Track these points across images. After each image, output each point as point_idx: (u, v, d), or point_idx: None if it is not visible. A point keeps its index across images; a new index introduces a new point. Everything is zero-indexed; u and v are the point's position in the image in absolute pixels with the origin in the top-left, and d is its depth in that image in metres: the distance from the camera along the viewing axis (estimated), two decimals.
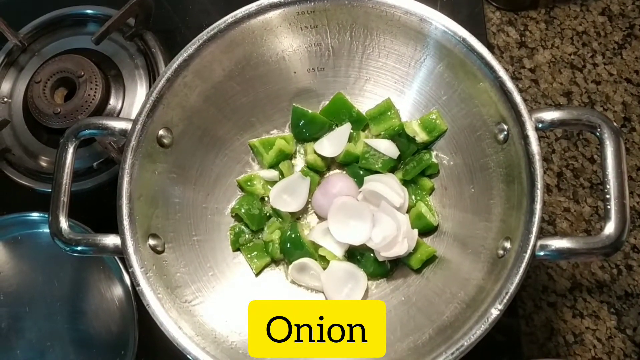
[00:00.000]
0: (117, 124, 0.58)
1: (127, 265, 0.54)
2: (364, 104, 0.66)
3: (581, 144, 0.72)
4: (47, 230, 0.56)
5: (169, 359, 0.56)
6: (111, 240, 0.55)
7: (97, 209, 0.67)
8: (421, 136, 0.62)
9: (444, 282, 0.57)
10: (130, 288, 0.67)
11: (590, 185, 0.70)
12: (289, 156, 0.67)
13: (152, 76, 0.76)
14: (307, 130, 0.66)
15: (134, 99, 0.75)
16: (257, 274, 0.63)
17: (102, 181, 0.72)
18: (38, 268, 0.72)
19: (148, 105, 0.57)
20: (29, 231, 0.73)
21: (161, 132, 0.59)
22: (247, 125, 0.66)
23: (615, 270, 0.67)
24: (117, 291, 0.69)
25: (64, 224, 0.55)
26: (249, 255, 0.63)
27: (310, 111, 0.66)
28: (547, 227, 0.69)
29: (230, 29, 0.60)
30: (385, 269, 0.61)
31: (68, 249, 0.55)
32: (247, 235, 0.64)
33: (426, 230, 0.62)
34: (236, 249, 0.64)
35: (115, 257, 0.67)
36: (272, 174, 0.65)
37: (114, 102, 0.75)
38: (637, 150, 0.71)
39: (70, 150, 0.57)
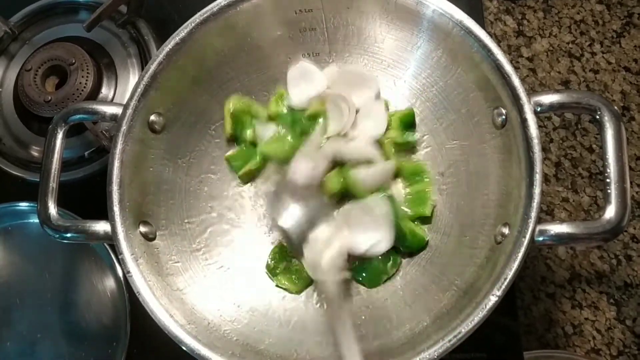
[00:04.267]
0: (108, 109, 0.57)
1: (117, 252, 0.53)
2: None
3: (580, 134, 0.71)
4: (37, 220, 0.55)
5: (161, 349, 0.55)
6: (101, 226, 0.54)
7: (89, 198, 0.65)
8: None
9: (441, 270, 0.56)
10: (122, 279, 0.66)
11: (589, 174, 0.69)
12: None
13: (144, 64, 0.75)
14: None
15: (126, 88, 0.74)
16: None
17: (94, 170, 0.71)
18: (29, 259, 0.71)
19: (139, 89, 0.56)
20: (19, 221, 0.72)
21: (153, 117, 0.58)
22: None
23: (615, 261, 0.66)
24: (109, 282, 0.68)
25: (52, 210, 0.54)
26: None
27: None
28: (545, 217, 0.68)
29: (223, 12, 0.59)
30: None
31: (57, 235, 0.55)
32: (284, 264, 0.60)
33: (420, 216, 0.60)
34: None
35: (107, 247, 0.67)
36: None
37: (105, 90, 0.73)
38: (637, 139, 0.70)
39: (60, 136, 0.56)
